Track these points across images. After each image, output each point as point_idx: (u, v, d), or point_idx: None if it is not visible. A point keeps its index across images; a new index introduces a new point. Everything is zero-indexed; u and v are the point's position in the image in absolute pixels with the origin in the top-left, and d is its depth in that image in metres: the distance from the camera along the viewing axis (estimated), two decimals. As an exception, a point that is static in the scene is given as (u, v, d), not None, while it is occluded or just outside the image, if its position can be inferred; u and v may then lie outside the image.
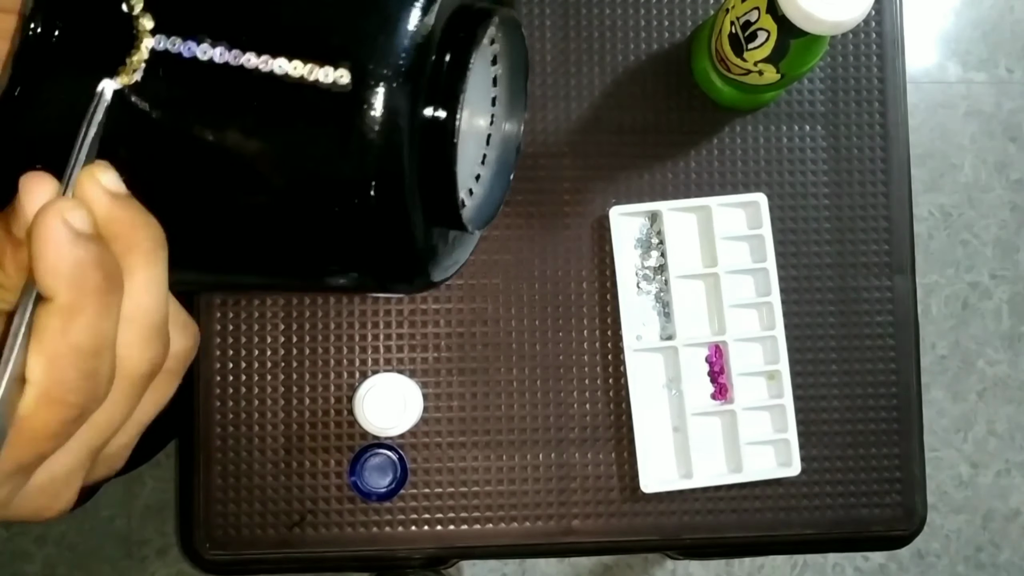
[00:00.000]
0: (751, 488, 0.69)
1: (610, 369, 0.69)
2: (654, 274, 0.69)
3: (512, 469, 0.68)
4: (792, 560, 1.44)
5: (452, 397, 0.68)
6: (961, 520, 1.47)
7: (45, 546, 1.35)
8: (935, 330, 1.48)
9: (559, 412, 0.68)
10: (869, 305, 0.71)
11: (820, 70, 0.72)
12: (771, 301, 0.68)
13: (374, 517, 0.67)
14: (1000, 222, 1.50)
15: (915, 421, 0.71)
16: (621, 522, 0.68)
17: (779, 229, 0.70)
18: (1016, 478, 1.48)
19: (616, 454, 0.68)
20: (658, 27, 0.71)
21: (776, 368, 0.68)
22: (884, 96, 0.72)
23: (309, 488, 0.67)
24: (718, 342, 0.68)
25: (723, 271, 0.67)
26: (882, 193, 0.71)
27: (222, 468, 0.67)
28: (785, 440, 0.67)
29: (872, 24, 0.72)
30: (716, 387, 0.68)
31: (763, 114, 0.71)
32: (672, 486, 0.67)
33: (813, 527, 0.69)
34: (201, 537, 0.66)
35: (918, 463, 0.70)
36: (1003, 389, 1.49)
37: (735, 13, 0.59)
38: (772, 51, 0.58)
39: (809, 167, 0.71)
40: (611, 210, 0.67)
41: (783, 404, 0.67)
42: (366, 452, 0.66)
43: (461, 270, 0.69)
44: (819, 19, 0.52)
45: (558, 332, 0.69)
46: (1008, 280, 1.50)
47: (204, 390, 0.67)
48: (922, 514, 0.70)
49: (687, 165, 0.70)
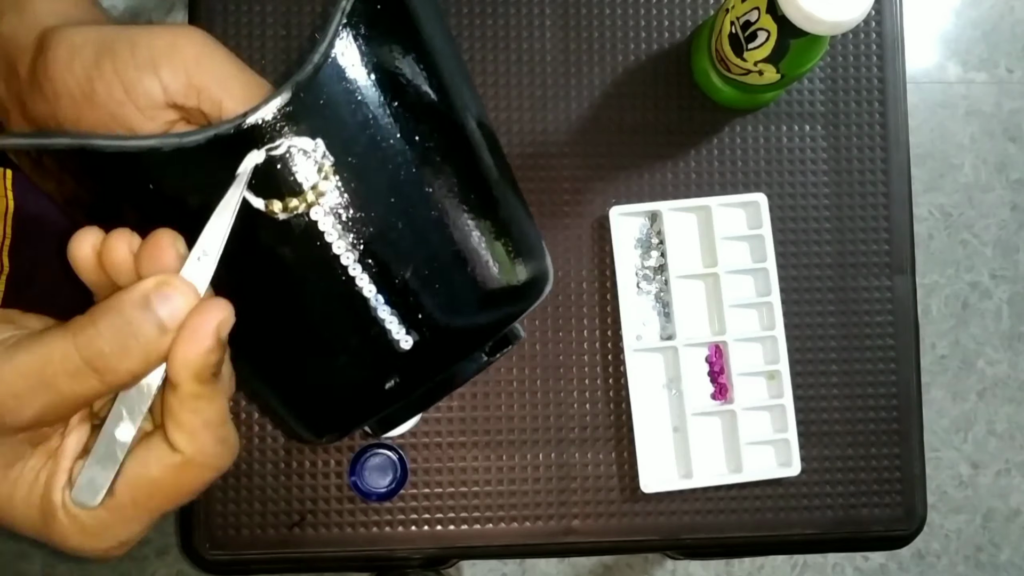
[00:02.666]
0: (751, 488, 0.69)
1: (610, 369, 0.69)
2: (654, 274, 0.69)
3: (512, 469, 0.68)
4: (792, 560, 1.44)
5: (452, 397, 0.68)
6: (961, 520, 1.47)
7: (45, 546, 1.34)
8: (935, 330, 1.48)
9: (559, 412, 0.68)
10: (869, 305, 0.71)
11: (820, 70, 0.72)
12: (771, 301, 0.68)
13: (374, 517, 0.67)
14: (1000, 222, 1.50)
15: (915, 421, 0.71)
16: (621, 522, 0.68)
17: (779, 229, 0.70)
18: (1016, 478, 1.48)
19: (616, 454, 0.68)
20: (658, 27, 0.71)
21: (776, 368, 0.68)
22: (884, 96, 0.72)
23: (309, 488, 0.67)
24: (718, 342, 0.68)
25: (723, 271, 0.67)
26: (882, 193, 0.71)
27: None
28: (785, 440, 0.67)
29: (872, 24, 0.72)
30: (716, 387, 0.68)
31: (763, 114, 0.71)
32: (672, 486, 0.67)
33: (813, 527, 0.69)
34: (201, 537, 0.66)
35: (918, 463, 0.70)
36: (1003, 389, 1.49)
37: (735, 13, 0.59)
38: (772, 51, 0.58)
39: (809, 167, 0.71)
40: (611, 210, 0.67)
41: (783, 404, 0.67)
42: (366, 452, 0.66)
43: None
44: (819, 19, 0.52)
45: (558, 332, 0.69)
46: (1008, 280, 1.50)
47: (204, 390, 0.67)
48: (922, 514, 0.70)
49: (687, 165, 0.70)
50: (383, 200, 0.35)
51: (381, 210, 0.35)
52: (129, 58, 0.36)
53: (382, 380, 0.37)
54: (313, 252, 0.34)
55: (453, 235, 0.37)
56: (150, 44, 0.36)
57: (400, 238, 0.35)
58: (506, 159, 0.43)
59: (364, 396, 0.38)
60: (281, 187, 0.33)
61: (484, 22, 0.70)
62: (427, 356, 0.37)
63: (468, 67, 0.69)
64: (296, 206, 0.33)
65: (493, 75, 0.70)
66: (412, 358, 0.37)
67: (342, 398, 0.38)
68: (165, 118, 0.38)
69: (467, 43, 0.70)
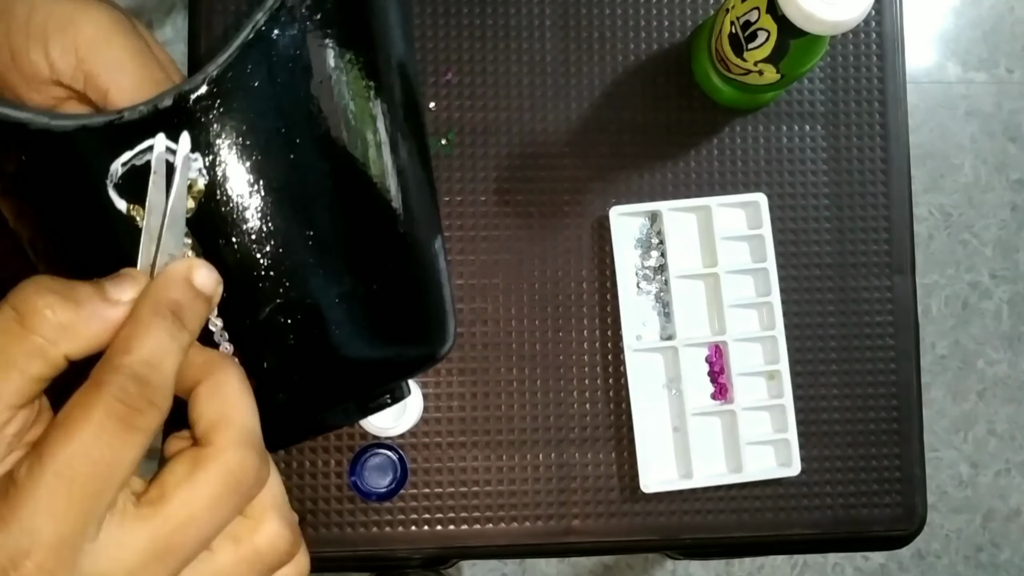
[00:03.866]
0: (751, 488, 0.69)
1: (610, 369, 0.69)
2: (654, 274, 0.69)
3: (512, 469, 0.68)
4: (792, 560, 1.44)
5: (452, 397, 0.68)
6: (961, 520, 1.47)
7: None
8: (935, 330, 1.48)
9: (559, 412, 0.68)
10: (869, 305, 0.71)
11: (820, 70, 0.72)
12: (771, 301, 0.68)
13: (374, 517, 0.67)
14: (1000, 222, 1.50)
15: (915, 421, 0.71)
16: (621, 522, 0.68)
17: (779, 229, 0.70)
18: (1016, 478, 1.48)
19: (616, 454, 0.68)
20: (658, 27, 0.71)
21: (776, 368, 0.68)
22: (884, 96, 0.72)
23: (309, 488, 0.67)
24: (718, 342, 0.68)
25: (723, 271, 0.67)
26: (882, 193, 0.71)
27: (222, 468, 0.66)
28: (785, 440, 0.67)
29: (872, 24, 0.72)
30: (716, 387, 0.68)
31: (763, 114, 0.71)
32: (672, 486, 0.67)
33: (813, 527, 0.69)
34: (201, 537, 0.66)
35: (918, 463, 0.70)
36: (1003, 389, 1.49)
37: (735, 13, 0.59)
38: (772, 51, 0.58)
39: (809, 167, 0.71)
40: (611, 210, 0.67)
41: (783, 404, 0.67)
42: (366, 452, 0.66)
43: (461, 270, 0.69)
44: (819, 19, 0.52)
45: (558, 332, 0.69)
46: (1008, 280, 1.50)
47: (204, 390, 0.67)
48: (922, 514, 0.70)
49: (687, 165, 0.70)
50: (254, 231, 0.32)
51: (249, 241, 0.32)
52: (23, 24, 0.33)
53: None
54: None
55: (322, 289, 0.34)
56: (48, 13, 0.34)
57: (262, 276, 0.33)
58: (433, 212, 0.40)
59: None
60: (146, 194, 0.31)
61: (484, 22, 0.70)
62: (272, 402, 0.34)
63: (469, 67, 0.69)
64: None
65: (493, 75, 0.70)
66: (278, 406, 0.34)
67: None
68: (52, 94, 0.35)
69: (467, 43, 0.70)
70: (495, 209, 0.69)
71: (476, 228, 0.69)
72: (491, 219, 0.69)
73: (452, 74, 0.69)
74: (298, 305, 0.33)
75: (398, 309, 0.37)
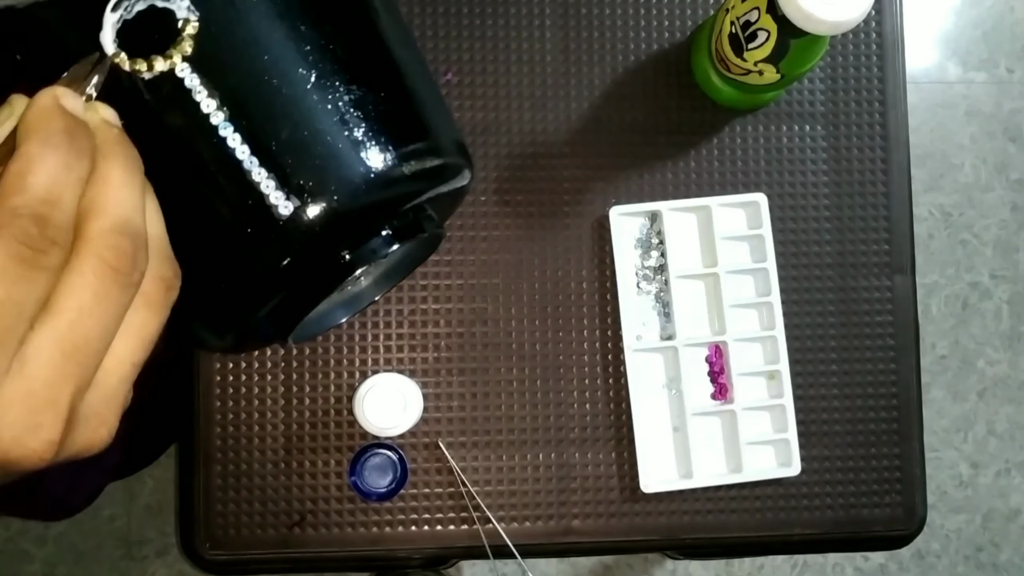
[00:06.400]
0: (751, 488, 0.69)
1: (610, 369, 0.69)
2: (654, 274, 0.69)
3: (512, 469, 0.68)
4: (792, 560, 1.44)
5: (452, 397, 0.68)
6: (961, 520, 1.47)
7: (45, 546, 1.34)
8: (935, 330, 1.48)
9: (559, 412, 0.68)
10: (869, 305, 0.71)
11: (820, 70, 0.72)
12: (771, 301, 0.68)
13: (374, 517, 0.67)
14: (1000, 222, 1.50)
15: (915, 421, 0.71)
16: (621, 522, 0.68)
17: (779, 229, 0.70)
18: (1016, 478, 1.48)
19: (616, 454, 0.68)
20: (658, 27, 0.71)
21: (776, 368, 0.68)
22: (884, 96, 0.72)
23: (309, 488, 0.67)
24: (718, 342, 0.68)
25: (723, 271, 0.67)
26: (882, 193, 0.71)
27: (222, 468, 0.67)
28: (785, 440, 0.67)
29: (872, 24, 0.72)
30: (716, 387, 0.68)
31: (763, 114, 0.71)
32: (672, 486, 0.67)
33: (813, 527, 0.69)
34: (201, 537, 0.66)
35: (918, 463, 0.70)
36: (1003, 389, 1.49)
37: (735, 13, 0.59)
38: (772, 51, 0.58)
39: (809, 167, 0.71)
40: (611, 210, 0.67)
41: (783, 404, 0.67)
42: (366, 452, 0.66)
43: (461, 270, 0.69)
44: (819, 19, 0.52)
45: (558, 332, 0.69)
46: (1008, 280, 1.50)
47: (204, 390, 0.67)
48: (922, 514, 0.70)
49: (687, 165, 0.70)
50: (256, 56, 0.33)
51: (254, 66, 0.33)
52: None
53: (267, 255, 0.35)
54: (182, 113, 0.33)
55: (336, 98, 0.35)
56: None
57: (274, 96, 0.34)
58: (407, 31, 0.41)
59: (252, 274, 0.36)
60: (145, 45, 0.32)
61: (484, 22, 0.70)
62: (312, 227, 0.35)
63: (469, 67, 0.69)
64: (162, 65, 0.32)
65: (493, 75, 0.70)
66: (295, 228, 0.35)
67: (232, 279, 0.36)
68: None
69: (467, 43, 0.70)
70: (495, 209, 0.69)
71: (476, 228, 0.69)
72: (491, 219, 0.69)
73: (452, 74, 0.69)
74: (318, 117, 0.35)
75: (413, 110, 0.38)
